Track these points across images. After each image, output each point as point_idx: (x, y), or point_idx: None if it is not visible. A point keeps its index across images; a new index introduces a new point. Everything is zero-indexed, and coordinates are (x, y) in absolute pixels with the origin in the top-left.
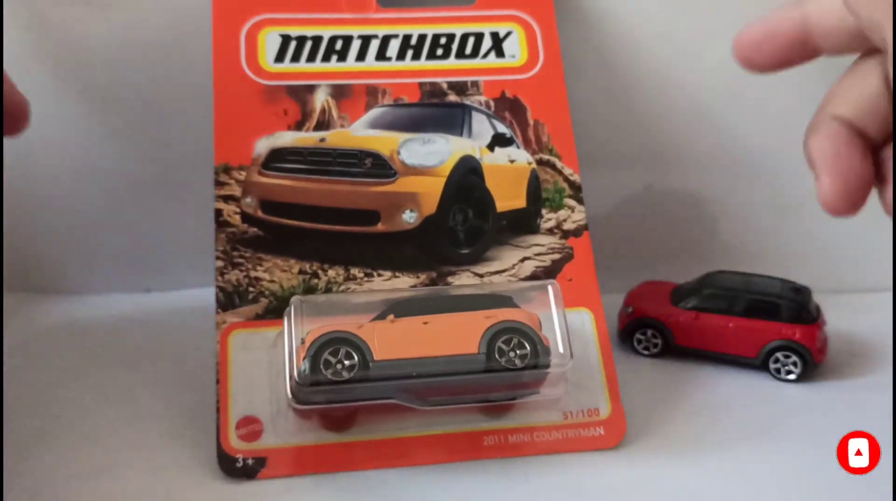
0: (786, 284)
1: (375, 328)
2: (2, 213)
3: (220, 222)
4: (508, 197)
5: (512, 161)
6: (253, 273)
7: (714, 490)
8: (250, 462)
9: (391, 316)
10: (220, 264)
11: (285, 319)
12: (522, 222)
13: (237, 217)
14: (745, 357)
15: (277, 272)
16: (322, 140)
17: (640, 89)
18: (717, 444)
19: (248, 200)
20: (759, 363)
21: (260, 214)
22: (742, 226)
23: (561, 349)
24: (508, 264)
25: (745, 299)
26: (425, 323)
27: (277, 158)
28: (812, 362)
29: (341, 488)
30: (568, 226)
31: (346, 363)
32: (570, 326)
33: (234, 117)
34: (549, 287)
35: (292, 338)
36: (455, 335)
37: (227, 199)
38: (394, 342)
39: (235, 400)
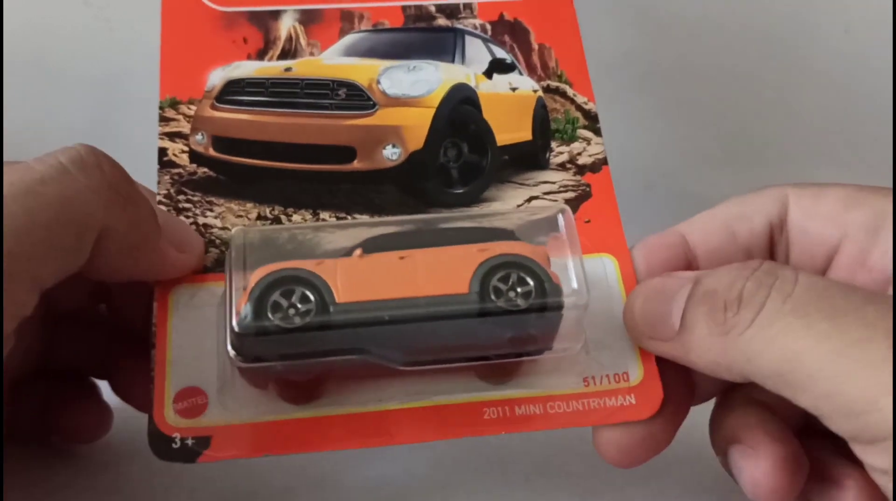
0: None
1: (338, 266)
2: (1, 213)
3: (164, 163)
4: (511, 129)
5: (514, 89)
6: (202, 219)
7: (714, 490)
8: (190, 442)
9: (359, 251)
10: (162, 209)
11: (226, 260)
12: (528, 157)
13: (185, 157)
14: None
15: (231, 218)
16: (288, 70)
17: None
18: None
19: (199, 137)
20: None
21: (212, 152)
22: None
23: (575, 285)
24: (512, 206)
25: None
26: (402, 258)
27: (234, 90)
28: None
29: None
30: (584, 160)
31: (301, 306)
32: (588, 274)
33: (185, 46)
34: (560, 215)
35: (233, 282)
36: (440, 272)
37: (174, 136)
38: (361, 281)
39: (175, 368)
